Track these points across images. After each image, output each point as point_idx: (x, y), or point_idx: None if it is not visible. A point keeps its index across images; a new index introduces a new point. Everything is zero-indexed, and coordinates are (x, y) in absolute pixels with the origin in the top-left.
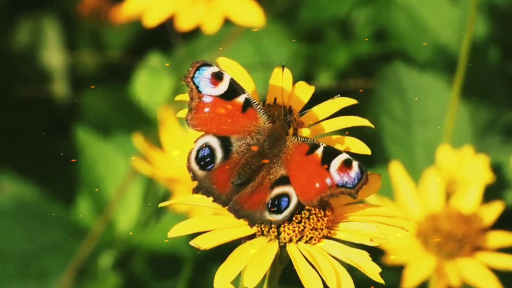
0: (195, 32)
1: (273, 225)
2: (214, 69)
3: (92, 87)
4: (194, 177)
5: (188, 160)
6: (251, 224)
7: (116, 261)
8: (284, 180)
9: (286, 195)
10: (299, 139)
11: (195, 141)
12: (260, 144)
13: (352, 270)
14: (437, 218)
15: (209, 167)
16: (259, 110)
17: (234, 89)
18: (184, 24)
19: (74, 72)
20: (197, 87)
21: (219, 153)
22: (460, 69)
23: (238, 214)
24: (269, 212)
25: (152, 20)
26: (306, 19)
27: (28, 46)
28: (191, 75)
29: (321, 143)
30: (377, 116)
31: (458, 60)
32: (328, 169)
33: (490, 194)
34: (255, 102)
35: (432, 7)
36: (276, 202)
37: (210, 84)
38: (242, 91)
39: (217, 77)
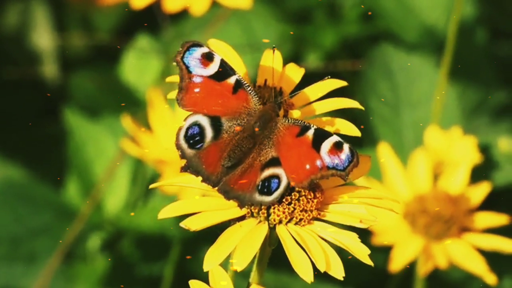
0: (183, 14)
1: (263, 207)
2: (205, 49)
3: (82, 67)
4: (183, 155)
5: (177, 137)
6: (241, 206)
7: (104, 243)
8: (274, 162)
9: (276, 176)
10: (290, 121)
11: (185, 119)
12: (251, 125)
13: (341, 252)
14: (425, 199)
15: (199, 146)
16: (250, 91)
17: (224, 70)
18: (171, 6)
19: (63, 54)
20: (187, 67)
21: (209, 132)
22: (448, 50)
23: (228, 195)
24: (259, 193)
25: (139, 2)
26: (294, 0)
27: (17, 29)
28: (181, 55)
29: (312, 125)
30: (366, 98)
31: (446, 41)
32: (318, 151)
33: (478, 175)
34: (245, 84)
35: None
36: (266, 184)
37: (200, 64)
38: (233, 72)
39: (208, 57)
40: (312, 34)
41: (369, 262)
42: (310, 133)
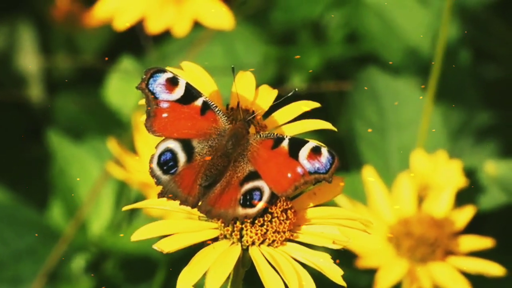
0: (166, 35)
1: (235, 229)
2: (168, 75)
3: (67, 89)
4: (158, 182)
5: (150, 165)
6: (225, 223)
7: (88, 264)
8: (252, 176)
9: (257, 189)
10: (261, 136)
11: (156, 147)
12: (223, 145)
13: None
14: (409, 222)
15: (172, 171)
16: (217, 112)
17: (190, 93)
18: (154, 27)
19: (49, 76)
20: (152, 93)
21: (181, 157)
22: (433, 75)
23: (210, 214)
24: (242, 207)
25: (121, 23)
26: (278, 21)
27: (2, 51)
28: (146, 82)
29: (285, 136)
30: (351, 121)
31: (429, 62)
32: (297, 159)
33: (463, 198)
34: (213, 105)
35: (403, 9)
36: (248, 197)
37: (165, 90)
38: (199, 94)
39: (172, 82)
40: (297, 56)
41: (342, 283)
42: (285, 143)
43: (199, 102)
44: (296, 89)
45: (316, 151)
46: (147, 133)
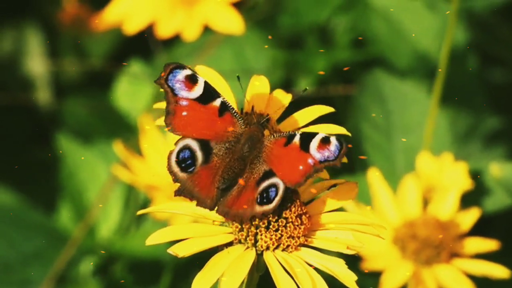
0: (176, 39)
1: (250, 233)
2: (188, 71)
3: (75, 93)
4: (176, 179)
5: (169, 161)
6: (243, 222)
7: (97, 268)
8: (268, 174)
9: (273, 185)
10: (275, 136)
11: (175, 143)
12: (239, 148)
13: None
14: (415, 225)
15: (190, 169)
16: (235, 114)
17: (209, 93)
18: (163, 31)
19: (57, 79)
20: (172, 89)
21: (199, 156)
22: (439, 76)
23: (228, 216)
24: (259, 205)
25: (131, 27)
26: (286, 26)
27: (11, 55)
28: (165, 77)
29: (296, 132)
30: (358, 123)
31: (438, 67)
32: (308, 151)
33: (469, 200)
34: (230, 106)
35: (411, 13)
36: (264, 195)
37: (184, 87)
38: (217, 94)
39: (191, 80)
40: (304, 60)
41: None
42: (297, 139)
43: (217, 103)
44: (307, 88)
45: (325, 141)
46: (154, 136)
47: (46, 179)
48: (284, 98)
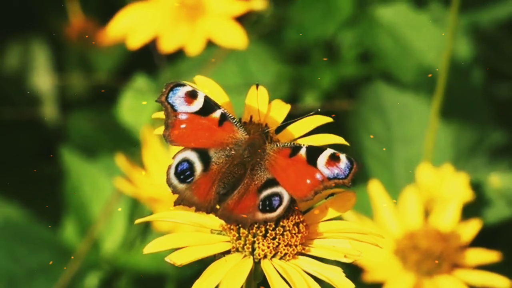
0: (180, 54)
1: (247, 242)
2: (188, 88)
3: (80, 108)
4: (175, 190)
5: (168, 175)
6: (245, 227)
7: (101, 282)
8: (271, 183)
9: (277, 194)
10: (278, 145)
11: (173, 157)
12: (240, 154)
13: None
14: (416, 236)
15: (189, 180)
16: (235, 123)
17: (209, 105)
18: (167, 46)
19: (63, 94)
20: (172, 106)
21: (198, 166)
22: (439, 88)
23: (230, 220)
24: (262, 212)
25: (135, 42)
26: (291, 40)
27: (17, 69)
28: (165, 95)
29: (302, 145)
30: (358, 135)
31: (439, 79)
32: (315, 166)
33: (470, 212)
34: (231, 116)
35: (417, 29)
36: (267, 202)
37: (184, 102)
38: (218, 106)
39: (191, 95)
40: (310, 75)
41: None
42: (303, 152)
43: (217, 114)
44: (319, 110)
45: (334, 158)
46: (156, 148)
47: (51, 194)
48: (282, 108)
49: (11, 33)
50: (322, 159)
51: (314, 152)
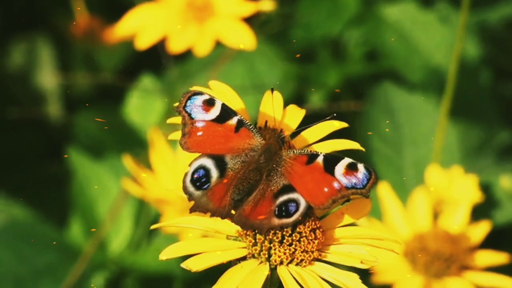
0: (187, 54)
1: (264, 248)
2: (205, 96)
3: (86, 107)
4: (191, 197)
5: (184, 182)
6: (261, 233)
7: (108, 283)
8: (287, 189)
9: (293, 200)
10: (295, 152)
11: (190, 164)
12: (255, 159)
13: None
14: (425, 238)
15: (205, 186)
16: (251, 129)
17: (226, 113)
18: (175, 46)
19: (67, 93)
20: (189, 114)
21: (214, 173)
22: (448, 89)
23: (245, 225)
24: (278, 218)
25: (143, 42)
26: (298, 39)
27: (22, 68)
28: (183, 104)
29: (319, 153)
30: (367, 136)
31: (448, 79)
32: (333, 174)
33: (479, 213)
34: (247, 123)
35: (424, 28)
36: (283, 208)
37: (202, 110)
38: (234, 113)
39: (209, 103)
40: (316, 74)
41: None
42: (320, 160)
43: (234, 121)
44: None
45: (352, 167)
46: (163, 150)
47: (58, 194)
48: (297, 113)
49: (16, 31)
50: (340, 168)
51: (331, 161)
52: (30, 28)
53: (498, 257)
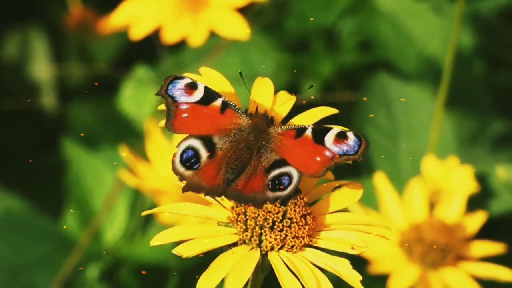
0: (182, 45)
1: (254, 234)
2: (187, 80)
3: (80, 98)
4: (182, 177)
5: (173, 163)
6: (257, 207)
7: (102, 273)
8: (279, 163)
9: (286, 174)
10: (282, 127)
11: (178, 145)
12: (245, 138)
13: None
14: (421, 228)
15: (195, 166)
16: (237, 109)
17: (210, 95)
18: (170, 36)
19: (62, 84)
20: (172, 97)
21: (203, 152)
22: (444, 80)
23: (240, 199)
24: (272, 191)
25: (138, 33)
26: (292, 29)
27: (16, 59)
28: (165, 88)
29: (307, 125)
30: (363, 126)
31: (444, 71)
32: (323, 144)
33: (475, 203)
34: (232, 104)
35: (418, 17)
36: (276, 182)
37: (185, 93)
38: (218, 95)
39: (191, 87)
40: (310, 64)
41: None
42: (309, 132)
43: (218, 102)
44: (313, 85)
45: (342, 136)
46: (160, 140)
47: (53, 185)
48: (288, 99)
49: (10, 22)
50: (330, 137)
51: (320, 132)
52: (24, 19)
53: (493, 247)
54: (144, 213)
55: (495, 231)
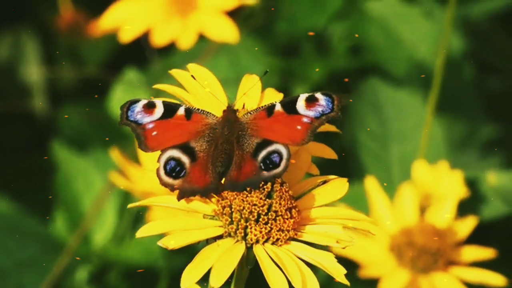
0: (171, 47)
1: (240, 227)
2: (143, 101)
3: (70, 100)
4: (172, 188)
5: (159, 177)
6: (256, 189)
7: (91, 276)
8: (263, 144)
9: (274, 152)
10: (251, 112)
11: (158, 160)
12: (220, 133)
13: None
14: (411, 232)
15: (182, 174)
16: (202, 112)
17: (170, 108)
18: (159, 39)
19: (53, 86)
20: (135, 122)
21: (185, 159)
22: (435, 84)
23: (237, 188)
24: (267, 171)
25: (127, 35)
26: (282, 33)
27: (7, 62)
28: (124, 116)
29: (274, 102)
30: (354, 131)
31: (434, 75)
32: (298, 113)
33: (465, 209)
34: (195, 108)
35: (409, 22)
36: (268, 162)
37: (145, 114)
38: (179, 105)
39: (149, 106)
40: (300, 68)
41: (345, 281)
42: (279, 107)
43: (181, 111)
44: (267, 71)
45: (311, 99)
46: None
47: (43, 187)
48: (275, 97)
49: (1, 24)
50: (300, 104)
51: (289, 103)
52: (15, 21)
53: (484, 253)
54: (130, 205)
55: (485, 237)
